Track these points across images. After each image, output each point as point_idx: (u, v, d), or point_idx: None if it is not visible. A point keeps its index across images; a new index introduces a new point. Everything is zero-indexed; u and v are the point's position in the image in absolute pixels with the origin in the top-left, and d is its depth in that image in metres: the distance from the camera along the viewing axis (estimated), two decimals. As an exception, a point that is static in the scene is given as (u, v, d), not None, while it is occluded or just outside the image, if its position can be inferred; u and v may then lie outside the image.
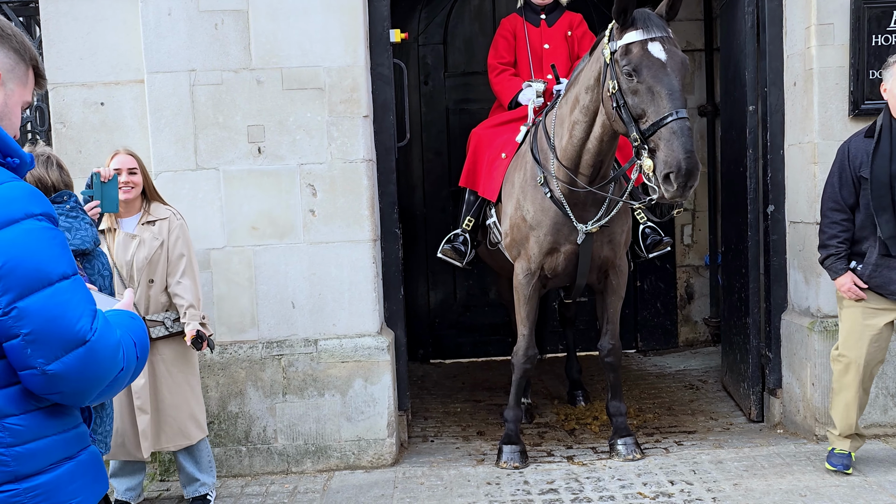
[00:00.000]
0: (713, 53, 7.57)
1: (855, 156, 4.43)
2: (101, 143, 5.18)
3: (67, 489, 1.76)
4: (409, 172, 7.76)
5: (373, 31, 5.24)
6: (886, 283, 4.41)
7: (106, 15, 5.23)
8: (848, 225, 4.48)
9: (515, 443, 5.11)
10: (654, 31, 4.22)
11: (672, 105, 4.08)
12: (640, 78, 4.17)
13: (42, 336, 1.70)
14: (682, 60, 4.22)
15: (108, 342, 1.77)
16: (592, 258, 4.96)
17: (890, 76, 4.34)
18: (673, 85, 4.12)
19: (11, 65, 1.91)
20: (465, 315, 7.88)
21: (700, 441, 5.38)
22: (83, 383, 1.75)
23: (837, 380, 4.64)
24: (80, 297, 1.75)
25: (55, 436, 1.77)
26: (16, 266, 1.69)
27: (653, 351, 7.86)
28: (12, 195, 1.73)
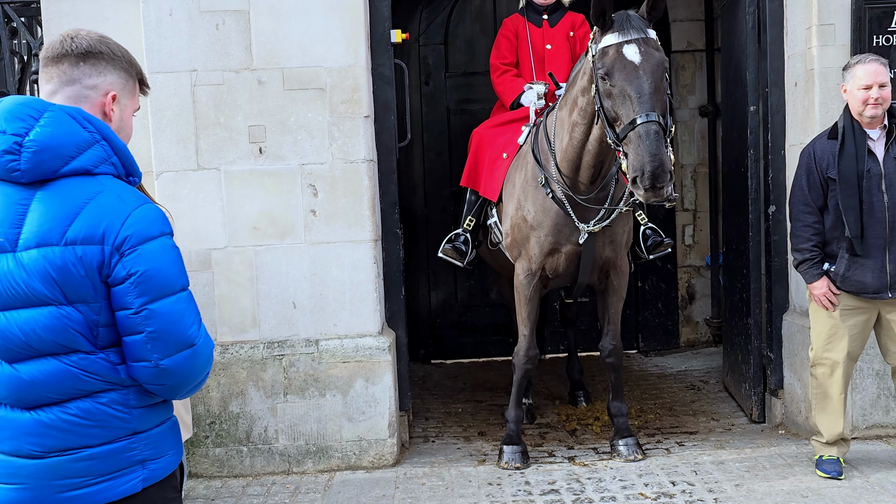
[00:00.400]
0: (714, 54, 7.56)
1: (821, 158, 4.46)
2: (102, 144, 5.17)
3: (166, 441, 2.22)
4: (411, 173, 7.76)
5: (374, 32, 5.23)
6: (859, 282, 4.43)
7: (107, 15, 5.23)
8: (819, 227, 4.50)
9: (517, 443, 5.11)
10: (631, 33, 4.21)
11: (640, 108, 4.07)
12: (613, 81, 4.19)
13: (162, 335, 2.06)
14: (657, 62, 4.18)
15: (208, 348, 2.17)
16: (594, 258, 4.96)
17: (850, 77, 4.41)
18: (643, 88, 4.11)
19: (122, 83, 2.21)
20: (466, 315, 7.88)
21: (701, 442, 5.37)
22: (182, 379, 2.13)
23: (821, 384, 4.63)
24: (193, 308, 2.15)
25: (157, 405, 2.19)
26: (153, 275, 2.05)
27: (654, 351, 7.85)
28: (153, 216, 2.11)
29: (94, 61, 2.16)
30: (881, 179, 4.37)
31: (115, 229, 2.03)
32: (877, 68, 4.37)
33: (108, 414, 2.10)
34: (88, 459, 2.09)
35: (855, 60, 4.44)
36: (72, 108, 2.10)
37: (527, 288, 5.06)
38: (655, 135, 4.02)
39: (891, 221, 4.36)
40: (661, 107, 4.15)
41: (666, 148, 4.11)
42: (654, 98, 4.11)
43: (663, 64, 4.21)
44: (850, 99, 4.43)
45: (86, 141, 2.09)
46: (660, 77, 4.18)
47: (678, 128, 7.82)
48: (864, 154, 4.37)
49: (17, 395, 2.08)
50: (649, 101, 4.09)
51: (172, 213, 4.80)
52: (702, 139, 7.84)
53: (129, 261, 2.04)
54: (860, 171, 4.35)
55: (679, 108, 7.84)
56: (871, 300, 4.47)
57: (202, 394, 5.06)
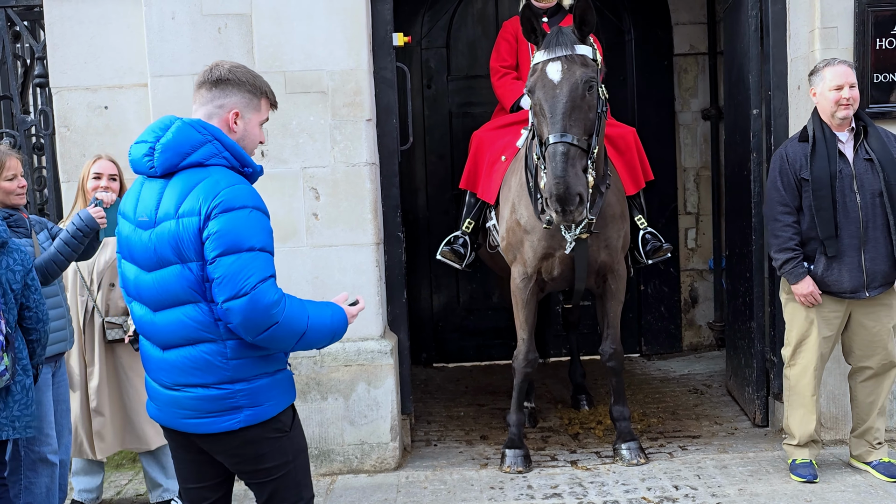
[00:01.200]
0: (717, 57, 7.56)
1: (794, 160, 4.51)
2: (104, 147, 5.17)
3: (264, 394, 2.73)
4: (413, 176, 7.75)
5: (376, 35, 5.23)
6: (836, 282, 4.48)
7: (110, 19, 5.24)
8: (798, 227, 4.54)
9: (519, 447, 5.10)
10: (557, 50, 4.20)
11: (552, 128, 4.05)
12: (535, 99, 4.20)
13: (224, 282, 2.57)
14: (577, 81, 4.13)
15: (263, 300, 2.57)
16: (590, 263, 4.94)
17: (819, 80, 4.48)
18: (556, 108, 4.08)
19: (246, 102, 2.82)
20: (468, 318, 7.87)
21: (704, 446, 5.36)
22: (247, 323, 2.58)
23: (794, 385, 4.68)
24: (255, 265, 2.59)
25: (255, 359, 2.71)
26: (224, 234, 2.58)
27: (657, 355, 7.84)
28: (239, 193, 2.64)
29: (222, 87, 2.82)
30: (853, 180, 4.43)
31: (207, 202, 2.61)
32: (846, 70, 4.44)
33: (208, 361, 2.67)
34: (197, 399, 2.70)
35: (823, 64, 4.51)
36: (192, 120, 2.76)
37: (523, 292, 5.05)
38: (563, 156, 3.97)
39: (864, 221, 4.42)
40: (581, 126, 4.09)
41: (585, 170, 4.06)
42: (568, 118, 4.06)
43: (585, 81, 4.15)
44: (820, 101, 4.50)
45: (199, 141, 2.70)
46: (579, 95, 4.12)
47: (681, 131, 7.83)
48: (835, 156, 4.44)
49: (157, 338, 2.75)
50: (561, 122, 4.05)
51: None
52: (704, 142, 7.83)
53: (212, 223, 2.59)
54: (832, 171, 4.41)
55: (682, 112, 7.84)
56: (847, 300, 4.52)
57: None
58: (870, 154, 4.45)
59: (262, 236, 2.64)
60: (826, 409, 5.10)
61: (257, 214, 2.66)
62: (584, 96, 4.14)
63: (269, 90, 2.89)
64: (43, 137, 5.42)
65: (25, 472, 3.97)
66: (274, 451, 2.80)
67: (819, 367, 4.63)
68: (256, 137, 2.86)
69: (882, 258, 4.43)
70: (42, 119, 5.39)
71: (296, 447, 2.89)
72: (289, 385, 2.85)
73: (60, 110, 5.27)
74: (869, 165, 4.43)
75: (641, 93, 7.68)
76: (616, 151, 5.41)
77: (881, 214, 4.42)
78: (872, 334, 4.57)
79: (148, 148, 2.74)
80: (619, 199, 5.07)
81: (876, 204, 4.41)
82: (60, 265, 3.99)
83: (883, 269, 4.44)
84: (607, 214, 4.90)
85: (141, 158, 2.76)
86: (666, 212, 7.79)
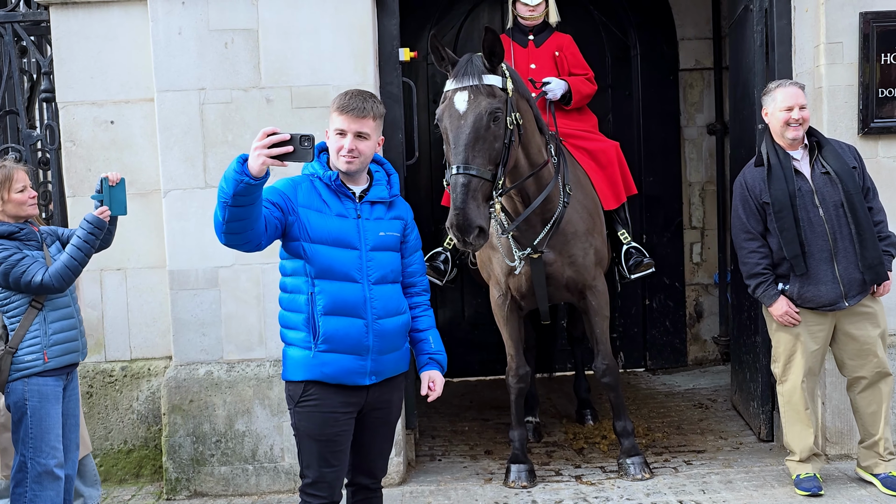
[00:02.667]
0: (722, 72, 7.57)
1: (753, 185, 4.60)
2: (110, 161, 5.20)
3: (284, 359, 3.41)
4: (418, 190, 7.76)
5: (382, 50, 5.26)
6: (815, 296, 4.53)
7: (116, 34, 5.27)
8: (765, 251, 4.62)
9: (523, 462, 5.08)
10: (465, 80, 4.19)
11: (454, 159, 4.05)
12: (442, 127, 4.20)
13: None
14: (482, 111, 4.11)
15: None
16: (555, 279, 4.95)
17: (770, 101, 4.59)
18: (460, 138, 4.08)
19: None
20: (473, 333, 7.85)
21: (710, 460, 5.34)
22: None
23: (788, 401, 4.71)
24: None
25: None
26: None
27: (662, 369, 7.82)
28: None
29: None
30: (814, 195, 4.51)
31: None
32: (796, 91, 4.55)
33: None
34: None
35: (775, 85, 4.62)
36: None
37: (502, 309, 5.08)
38: (463, 188, 3.97)
39: (832, 233, 4.49)
40: (485, 156, 4.07)
41: (488, 199, 4.04)
42: (471, 149, 4.05)
43: (492, 112, 4.12)
44: (771, 122, 4.60)
45: None
46: (484, 126, 4.10)
47: (686, 145, 7.84)
48: (791, 175, 4.52)
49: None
50: (464, 153, 4.05)
51: (180, 232, 4.84)
52: (710, 157, 7.83)
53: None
54: (791, 191, 4.49)
55: (687, 126, 7.85)
56: (829, 313, 4.56)
57: (208, 412, 5.06)
58: (826, 167, 4.52)
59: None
60: (831, 424, 5.08)
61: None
62: (489, 127, 4.12)
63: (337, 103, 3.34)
64: (49, 152, 5.44)
65: (31, 484, 3.97)
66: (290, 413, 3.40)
67: (810, 381, 4.67)
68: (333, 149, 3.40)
69: (854, 266, 4.48)
70: (48, 134, 5.41)
71: (298, 425, 3.35)
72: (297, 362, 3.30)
73: (66, 125, 5.29)
74: (827, 178, 4.51)
75: (647, 108, 7.70)
76: (597, 165, 5.43)
77: (846, 224, 4.48)
78: (860, 343, 4.60)
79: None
80: (585, 216, 5.04)
81: (840, 214, 4.48)
82: (75, 270, 3.99)
83: (857, 276, 4.50)
84: (568, 232, 4.90)
85: None
86: (671, 226, 7.79)
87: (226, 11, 5.04)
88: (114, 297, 5.35)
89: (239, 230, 3.09)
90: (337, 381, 3.29)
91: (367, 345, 3.31)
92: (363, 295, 3.30)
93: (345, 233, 3.30)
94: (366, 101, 3.29)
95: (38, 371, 3.98)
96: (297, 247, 3.27)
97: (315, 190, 3.35)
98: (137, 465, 5.33)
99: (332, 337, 3.26)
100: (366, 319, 3.30)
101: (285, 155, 2.99)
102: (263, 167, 2.96)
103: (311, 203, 3.30)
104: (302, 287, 3.29)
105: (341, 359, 3.28)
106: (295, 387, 3.32)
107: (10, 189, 4.00)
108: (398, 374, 3.48)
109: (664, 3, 7.73)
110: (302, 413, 3.32)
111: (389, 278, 3.39)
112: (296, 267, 3.32)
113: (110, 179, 4.09)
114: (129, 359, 5.39)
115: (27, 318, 3.99)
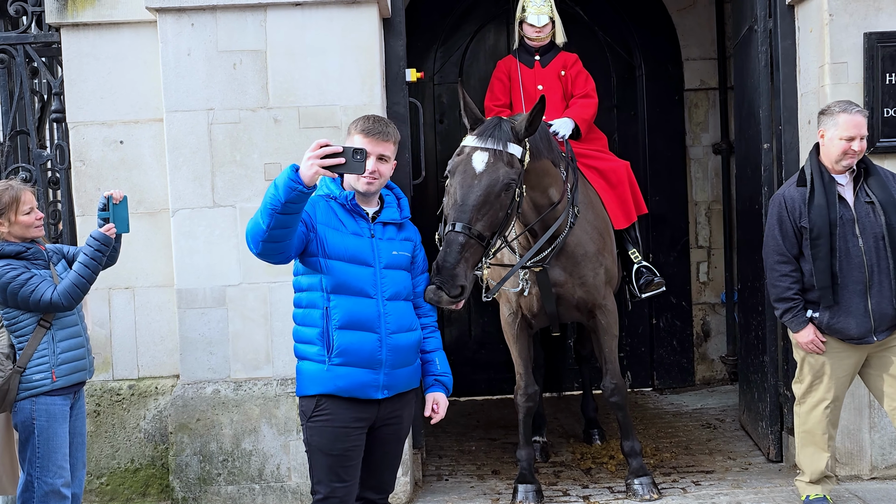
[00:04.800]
0: (727, 92, 7.59)
1: (792, 206, 4.42)
2: (119, 181, 5.23)
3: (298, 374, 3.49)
4: (425, 210, 7.78)
5: (389, 71, 5.29)
6: (844, 328, 4.39)
7: (126, 55, 5.32)
8: (797, 275, 4.45)
9: (530, 482, 5.07)
10: (489, 141, 4.11)
11: (457, 216, 3.94)
12: (453, 180, 4.10)
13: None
14: (498, 178, 4.02)
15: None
16: (566, 299, 4.95)
17: (831, 125, 4.35)
18: (469, 198, 3.97)
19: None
20: (479, 352, 7.84)
21: (718, 481, 5.31)
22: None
23: (805, 423, 4.59)
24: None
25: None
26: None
27: (669, 389, 7.79)
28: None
29: None
30: (854, 224, 4.35)
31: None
32: (860, 121, 4.34)
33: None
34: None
35: (839, 108, 4.37)
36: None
37: (512, 327, 5.07)
38: (459, 246, 3.84)
39: (869, 265, 4.34)
40: (487, 222, 3.98)
41: (476, 265, 3.98)
42: (477, 211, 3.95)
43: (506, 181, 4.05)
44: (828, 145, 4.38)
45: None
46: (495, 193, 4.01)
47: (692, 165, 7.86)
48: (834, 201, 4.35)
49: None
50: (469, 213, 3.93)
51: (188, 251, 4.88)
52: (716, 176, 7.85)
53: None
54: (832, 219, 4.33)
55: (693, 146, 7.87)
56: (857, 346, 4.43)
57: (214, 431, 5.06)
58: (871, 196, 4.37)
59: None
60: (841, 444, 5.05)
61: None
62: (500, 195, 4.04)
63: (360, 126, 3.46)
64: (58, 172, 5.47)
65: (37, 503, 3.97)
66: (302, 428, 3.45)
67: (833, 408, 4.53)
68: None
69: (888, 302, 4.35)
70: (58, 153, 5.45)
71: (310, 440, 3.39)
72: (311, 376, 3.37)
73: (76, 145, 5.33)
74: (870, 208, 4.37)
75: (652, 127, 7.72)
76: (608, 185, 5.43)
77: (885, 258, 4.34)
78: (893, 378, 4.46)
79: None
80: (595, 236, 5.04)
81: (880, 247, 4.34)
82: (83, 288, 4.01)
83: (889, 312, 4.36)
84: (577, 253, 4.89)
85: None
86: (678, 245, 7.79)
87: (234, 33, 5.08)
88: (122, 315, 5.37)
89: (281, 238, 3.18)
90: (350, 394, 3.35)
91: (381, 359, 3.36)
92: (377, 310, 3.37)
93: (360, 250, 3.39)
94: (388, 126, 3.47)
95: (47, 390, 3.99)
96: (315, 262, 3.35)
97: (331, 209, 3.43)
98: (144, 484, 5.33)
99: (347, 350, 3.32)
100: (379, 334, 3.36)
101: (337, 166, 3.11)
102: (316, 176, 3.08)
103: (329, 221, 3.39)
104: (318, 302, 3.36)
105: (355, 372, 3.33)
106: (308, 402, 3.39)
107: (18, 211, 4.01)
108: (409, 390, 3.56)
109: (669, 24, 7.77)
110: (314, 427, 3.37)
111: (402, 295, 3.49)
112: (312, 282, 3.38)
113: (114, 197, 4.12)
114: (137, 377, 5.40)
115: (35, 337, 4.00)
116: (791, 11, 5.32)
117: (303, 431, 3.46)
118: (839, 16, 5.02)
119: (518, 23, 5.90)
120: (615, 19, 7.78)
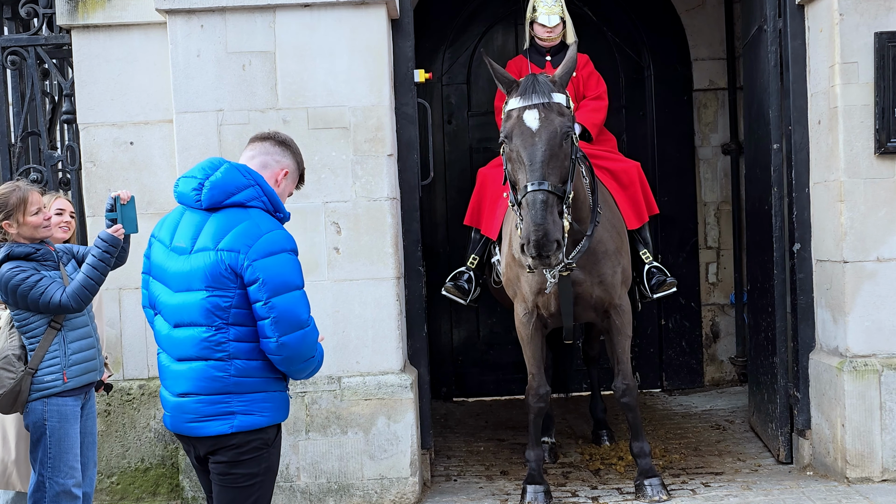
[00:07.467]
0: (736, 92, 7.58)
1: None
2: (129, 182, 5.25)
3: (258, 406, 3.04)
4: (433, 210, 7.79)
5: (397, 72, 5.30)
6: None
7: (136, 56, 5.34)
8: None
9: (539, 483, 5.06)
10: (534, 98, 4.21)
11: (531, 176, 4.07)
12: (512, 146, 4.20)
13: (282, 319, 2.97)
14: (556, 129, 4.16)
15: (315, 333, 3.10)
16: (584, 298, 4.96)
17: None
18: (535, 155, 4.10)
19: (294, 168, 3.24)
20: (488, 353, 7.84)
21: (728, 483, 5.30)
22: (295, 353, 3.02)
23: None
24: (305, 302, 3.07)
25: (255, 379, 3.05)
26: (273, 278, 2.97)
27: (678, 390, 7.78)
28: (277, 238, 3.03)
29: (284, 148, 3.21)
30: None
31: (248, 245, 2.97)
32: None
33: (213, 375, 3.00)
34: (198, 403, 3.02)
35: None
36: (239, 164, 3.13)
37: (526, 327, 5.07)
38: (542, 204, 4.01)
39: None
40: (558, 174, 4.12)
41: (561, 215, 4.09)
42: (546, 166, 4.09)
43: (563, 130, 4.17)
44: None
45: (243, 184, 3.06)
46: (557, 144, 4.15)
47: (701, 165, 7.84)
48: None
49: (173, 350, 3.07)
50: (540, 170, 4.08)
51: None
52: (725, 177, 7.83)
53: (258, 268, 2.96)
54: None
55: (702, 146, 7.85)
56: None
57: (225, 431, 5.06)
58: None
59: (299, 274, 3.07)
60: (851, 446, 5.03)
61: (295, 257, 3.07)
62: (562, 145, 4.18)
63: (304, 169, 3.32)
64: (69, 173, 5.49)
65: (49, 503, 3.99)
66: (251, 461, 3.08)
67: None
68: (285, 196, 3.26)
69: None
70: (69, 155, 5.47)
71: (269, 465, 3.16)
72: (282, 405, 3.15)
73: (87, 146, 5.35)
74: None
75: (661, 128, 7.71)
76: (619, 186, 5.44)
77: None
78: None
79: (197, 183, 3.08)
80: (615, 235, 5.07)
81: None
82: (92, 290, 4.01)
83: None
84: (599, 251, 4.91)
85: (189, 192, 3.09)
86: (686, 246, 7.77)
87: (244, 34, 5.09)
88: (132, 315, 5.37)
89: None
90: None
91: None
92: None
93: None
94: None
95: (58, 391, 4.00)
96: None
97: None
98: (154, 484, 5.34)
99: None
100: None
101: None
102: None
103: None
104: None
105: None
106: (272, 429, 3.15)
107: (25, 212, 3.98)
108: None
109: (678, 24, 7.76)
110: (275, 452, 3.18)
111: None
112: None
113: (122, 198, 4.13)
114: (147, 377, 5.41)
115: (46, 338, 4.01)
116: (801, 11, 5.31)
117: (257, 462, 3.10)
118: (849, 15, 5.00)
119: (529, 23, 5.90)
120: (624, 19, 7.78)
